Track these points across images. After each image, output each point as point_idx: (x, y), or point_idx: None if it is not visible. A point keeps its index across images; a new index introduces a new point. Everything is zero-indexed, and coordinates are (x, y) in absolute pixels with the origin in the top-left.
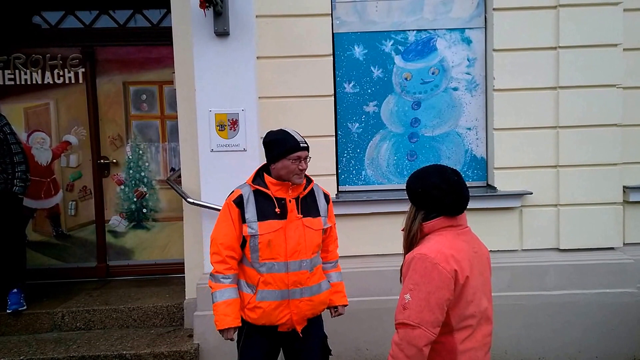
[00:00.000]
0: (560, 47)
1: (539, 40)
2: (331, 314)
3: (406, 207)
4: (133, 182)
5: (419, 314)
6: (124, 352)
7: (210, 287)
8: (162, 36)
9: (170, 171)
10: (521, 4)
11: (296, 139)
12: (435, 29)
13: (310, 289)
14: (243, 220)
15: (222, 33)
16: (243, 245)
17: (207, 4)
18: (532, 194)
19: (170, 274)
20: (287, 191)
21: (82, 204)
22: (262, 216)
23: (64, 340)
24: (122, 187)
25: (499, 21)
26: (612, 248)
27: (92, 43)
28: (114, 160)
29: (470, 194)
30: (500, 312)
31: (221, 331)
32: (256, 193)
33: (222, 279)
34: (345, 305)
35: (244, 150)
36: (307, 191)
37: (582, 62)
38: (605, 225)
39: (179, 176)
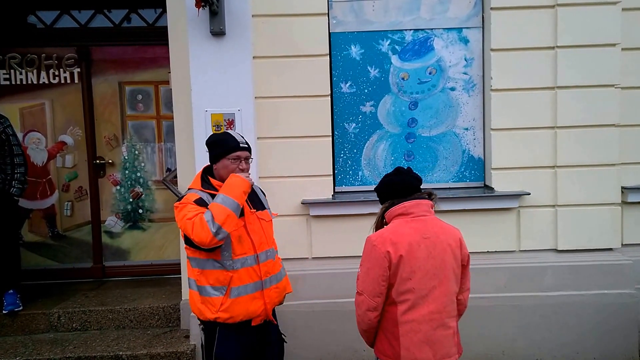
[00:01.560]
0: (558, 46)
1: (536, 40)
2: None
3: None
4: (129, 182)
5: (363, 284)
6: (120, 353)
7: (206, 210)
8: (158, 36)
9: (166, 172)
10: (519, 3)
11: (236, 139)
12: (432, 29)
13: (276, 276)
14: None
15: (218, 33)
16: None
17: (202, 3)
18: (529, 194)
19: (166, 275)
20: None
21: (78, 204)
22: None
23: (60, 341)
24: (118, 187)
25: (497, 21)
26: (610, 249)
27: (88, 43)
28: (110, 161)
29: (468, 195)
30: (497, 313)
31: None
32: (210, 196)
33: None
34: (289, 292)
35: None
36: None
37: (580, 62)
38: (603, 226)
39: (175, 177)
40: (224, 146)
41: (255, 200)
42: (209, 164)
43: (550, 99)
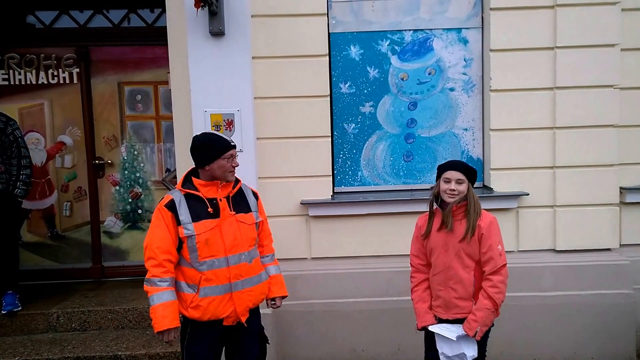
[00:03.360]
0: (557, 47)
1: (536, 40)
2: (267, 304)
3: (402, 208)
4: (128, 182)
5: (505, 256)
6: (119, 353)
7: (147, 291)
8: (157, 36)
9: (166, 172)
10: (518, 3)
11: (226, 139)
12: (431, 29)
13: (250, 280)
14: (178, 222)
15: (217, 33)
16: (180, 247)
17: (201, 3)
18: (528, 195)
19: None
20: (217, 191)
21: (77, 204)
22: (195, 217)
23: (59, 341)
24: (117, 187)
25: (496, 21)
26: (608, 249)
27: (87, 43)
28: (109, 161)
29: None
30: None
31: (160, 333)
32: (187, 196)
33: (158, 282)
34: (284, 297)
35: (240, 150)
36: (235, 189)
37: (579, 63)
38: (602, 227)
39: (175, 177)
40: (218, 147)
41: (240, 202)
42: (197, 167)
43: (550, 99)
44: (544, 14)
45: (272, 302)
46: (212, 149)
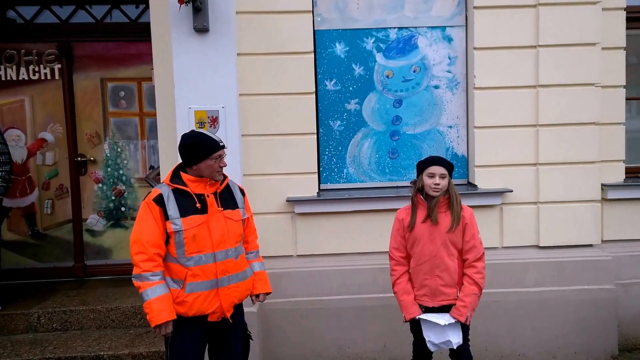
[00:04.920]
0: (540, 45)
1: (519, 38)
2: (252, 301)
3: (387, 205)
4: (111, 180)
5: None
6: (102, 353)
7: (139, 286)
8: (141, 32)
9: (150, 169)
10: (501, 2)
11: (215, 140)
12: (416, 27)
13: (236, 275)
14: (166, 217)
15: (201, 29)
16: (166, 242)
17: (185, 0)
18: (512, 191)
19: None
20: (205, 187)
21: (59, 202)
22: (183, 212)
23: (39, 342)
24: (100, 185)
25: (480, 19)
26: (590, 245)
27: (69, 38)
28: (92, 158)
29: None
30: (480, 309)
31: (157, 327)
32: (175, 191)
33: (151, 277)
34: (268, 293)
35: (225, 147)
36: (223, 186)
37: (561, 61)
38: (584, 223)
39: (158, 174)
40: (207, 147)
41: (228, 198)
42: (185, 165)
43: (532, 97)
44: (526, 13)
45: (257, 298)
46: (200, 149)
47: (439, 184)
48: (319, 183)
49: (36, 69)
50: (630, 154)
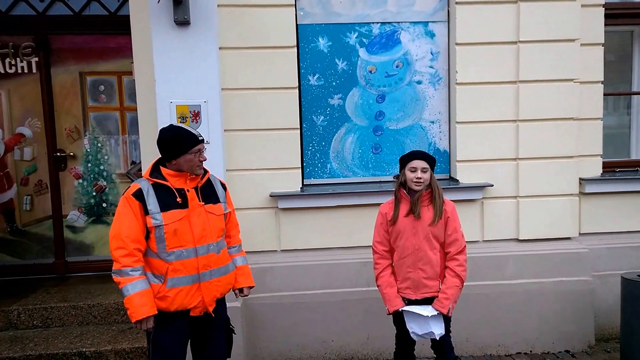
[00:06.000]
0: (520, 41)
1: (500, 34)
2: (236, 295)
3: (371, 200)
4: (92, 175)
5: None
6: (84, 350)
7: (118, 282)
8: (120, 25)
9: (131, 164)
10: None
11: (194, 134)
12: (399, 22)
13: (218, 270)
14: (145, 212)
15: (182, 22)
16: (146, 237)
17: None
18: (493, 186)
19: None
20: (186, 181)
21: (38, 198)
22: (164, 207)
23: (20, 339)
24: (81, 181)
25: (462, 15)
26: (568, 238)
27: (46, 31)
28: (71, 154)
29: None
30: (461, 301)
31: (138, 322)
32: (155, 186)
33: (131, 272)
34: (251, 287)
35: (207, 142)
36: (204, 180)
37: (541, 57)
38: (562, 216)
39: (140, 169)
40: (185, 142)
41: (209, 193)
42: (164, 160)
43: (513, 92)
44: (507, 8)
45: (240, 292)
46: (179, 143)
47: (420, 178)
48: (303, 178)
49: (12, 63)
50: (606, 148)
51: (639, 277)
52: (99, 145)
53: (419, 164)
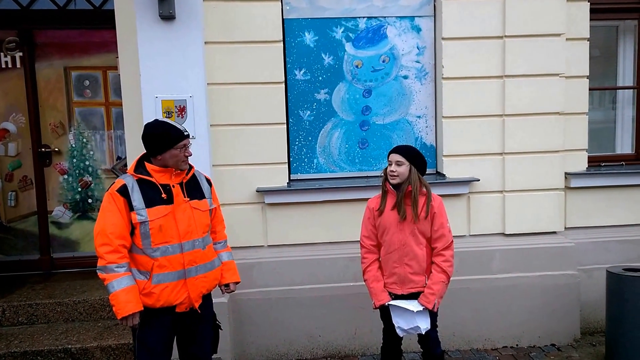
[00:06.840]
0: (506, 36)
1: (486, 29)
2: (222, 291)
3: (357, 195)
4: (77, 171)
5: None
6: (69, 347)
7: (104, 278)
8: (105, 19)
9: (117, 160)
10: None
11: (179, 129)
12: (385, 17)
13: (204, 266)
14: (130, 208)
15: (167, 16)
16: (131, 233)
17: None
18: (479, 180)
19: None
20: (171, 177)
21: (23, 194)
22: (149, 203)
23: (4, 336)
24: (66, 176)
25: (448, 10)
26: (554, 232)
27: (30, 26)
28: (56, 149)
29: None
30: (448, 296)
31: (124, 319)
32: (140, 182)
33: (116, 269)
34: (237, 282)
35: (193, 137)
36: (189, 176)
37: (527, 51)
38: (548, 211)
39: (125, 165)
40: (170, 137)
41: (194, 189)
42: (149, 155)
43: (499, 87)
44: (493, 3)
45: (226, 288)
46: (164, 138)
47: (394, 171)
48: (289, 173)
49: None
50: (592, 143)
51: (624, 271)
52: (84, 140)
53: (394, 157)
